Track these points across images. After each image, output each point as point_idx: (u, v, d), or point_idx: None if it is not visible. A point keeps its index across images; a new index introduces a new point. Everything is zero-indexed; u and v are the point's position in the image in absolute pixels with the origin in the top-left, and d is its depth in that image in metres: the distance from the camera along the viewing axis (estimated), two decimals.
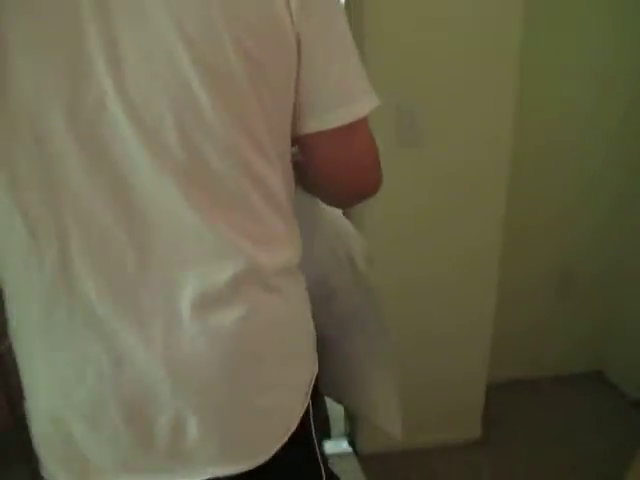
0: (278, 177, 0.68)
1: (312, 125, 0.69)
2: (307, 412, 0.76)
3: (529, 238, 2.16)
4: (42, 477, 0.72)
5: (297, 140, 0.72)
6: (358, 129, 0.71)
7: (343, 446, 2.02)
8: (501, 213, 1.77)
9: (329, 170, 0.77)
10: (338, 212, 1.01)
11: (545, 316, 2.28)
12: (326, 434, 1.22)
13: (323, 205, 0.93)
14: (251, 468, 0.69)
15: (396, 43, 1.54)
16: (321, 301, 0.86)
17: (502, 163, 1.71)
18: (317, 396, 0.80)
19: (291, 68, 0.65)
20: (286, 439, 0.72)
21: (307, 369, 0.78)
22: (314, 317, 0.79)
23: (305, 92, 0.67)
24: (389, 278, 1.56)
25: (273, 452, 0.71)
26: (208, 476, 0.69)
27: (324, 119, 0.68)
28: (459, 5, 1.54)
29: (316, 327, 0.80)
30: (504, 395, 2.16)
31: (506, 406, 2.17)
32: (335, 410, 1.45)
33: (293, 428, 0.73)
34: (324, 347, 0.84)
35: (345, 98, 0.68)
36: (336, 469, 0.91)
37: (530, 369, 2.32)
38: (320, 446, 0.82)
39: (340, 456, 1.96)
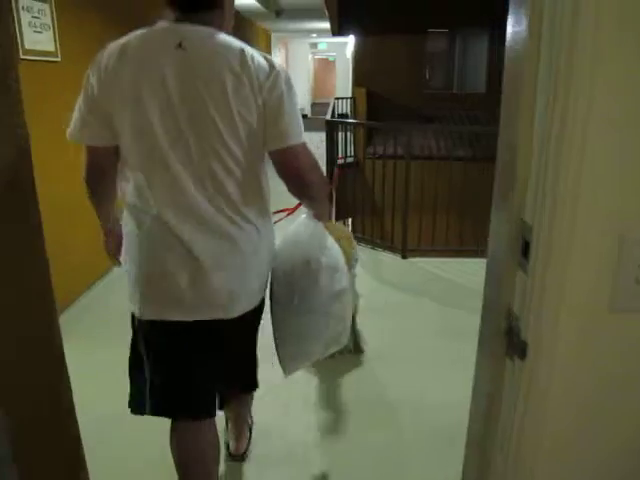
0: (238, 180, 1.51)
1: (272, 147, 1.50)
2: (264, 298, 1.68)
3: None
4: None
5: (269, 155, 1.53)
6: (299, 150, 1.51)
7: None
8: None
9: (287, 171, 1.53)
10: (320, 228, 1.79)
11: None
12: None
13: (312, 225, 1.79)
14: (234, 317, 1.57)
15: None
16: (285, 272, 1.70)
17: None
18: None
19: (261, 121, 1.47)
20: (253, 307, 1.61)
21: (267, 277, 1.68)
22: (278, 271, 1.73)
23: (269, 132, 1.48)
24: None
25: (250, 308, 1.60)
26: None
27: (278, 144, 1.49)
28: None
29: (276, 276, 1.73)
30: None
31: None
32: None
33: (257, 304, 1.64)
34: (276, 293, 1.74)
35: (287, 133, 1.48)
36: None
37: None
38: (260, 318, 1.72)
39: None
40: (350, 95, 11.63)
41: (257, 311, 1.67)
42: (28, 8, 3.14)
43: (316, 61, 24.62)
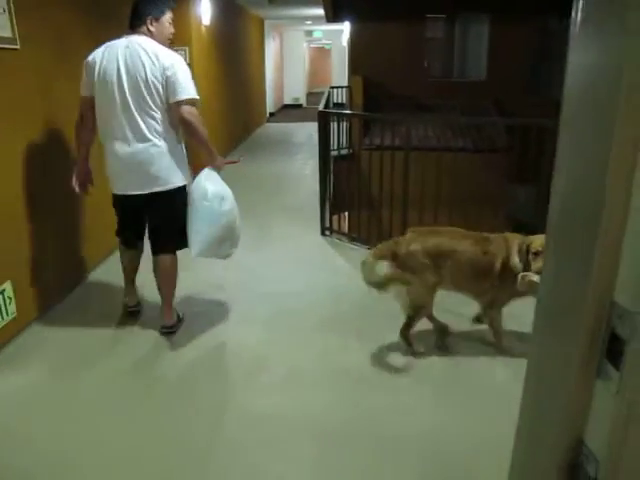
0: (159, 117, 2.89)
1: (171, 100, 2.83)
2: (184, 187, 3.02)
3: None
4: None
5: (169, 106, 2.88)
6: (191, 106, 2.85)
7: None
8: None
9: (180, 117, 2.85)
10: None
11: None
12: None
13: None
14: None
15: None
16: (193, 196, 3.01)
17: None
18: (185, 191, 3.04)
19: (164, 86, 2.84)
20: (171, 187, 2.98)
21: (182, 175, 3.02)
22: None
23: (169, 91, 2.83)
24: None
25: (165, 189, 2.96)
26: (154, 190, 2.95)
27: (173, 99, 2.82)
28: None
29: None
30: None
31: None
32: None
33: (176, 186, 2.99)
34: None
35: (179, 94, 2.82)
36: None
37: None
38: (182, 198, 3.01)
39: None
40: (346, 84, 11.31)
41: (169, 197, 3.00)
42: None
43: (311, 50, 24.21)
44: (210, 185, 2.99)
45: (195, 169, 3.17)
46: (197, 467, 2.20)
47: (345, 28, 13.67)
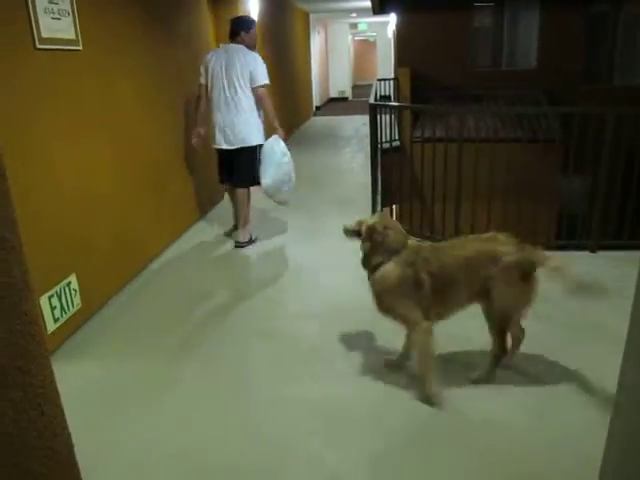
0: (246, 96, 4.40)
1: (252, 85, 4.33)
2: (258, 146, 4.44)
3: None
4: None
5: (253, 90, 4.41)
6: (263, 91, 4.36)
7: None
8: None
9: (257, 96, 4.36)
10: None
11: None
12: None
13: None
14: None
15: None
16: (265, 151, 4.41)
17: None
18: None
19: (249, 76, 4.37)
20: (249, 145, 4.43)
21: (260, 137, 4.49)
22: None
23: (251, 80, 4.35)
24: None
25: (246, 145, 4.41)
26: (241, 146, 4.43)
27: (253, 84, 4.33)
28: None
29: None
30: None
31: None
32: None
33: (253, 144, 4.42)
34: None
35: (257, 81, 4.32)
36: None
37: None
38: (256, 153, 4.42)
39: None
40: (392, 76, 11.20)
41: (249, 152, 4.39)
42: None
43: (356, 42, 24.06)
44: (276, 145, 4.37)
45: (267, 135, 4.51)
46: (258, 454, 2.23)
47: (391, 20, 13.51)
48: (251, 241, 4.64)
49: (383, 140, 5.29)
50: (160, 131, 4.48)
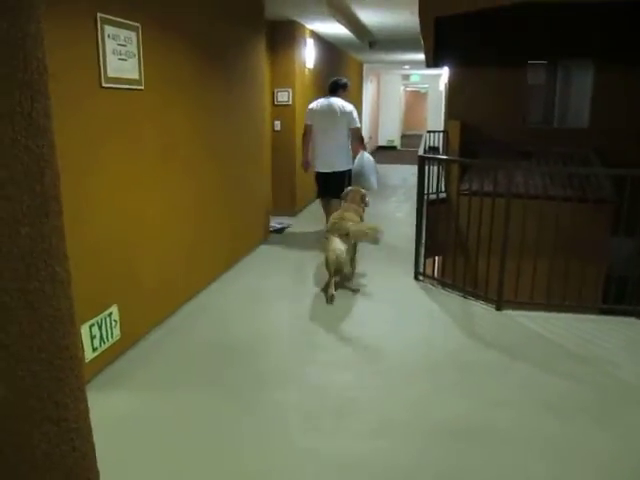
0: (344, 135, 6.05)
1: (350, 126, 5.97)
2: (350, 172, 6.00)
3: None
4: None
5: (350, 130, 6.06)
6: (358, 130, 6.11)
7: None
8: None
9: (353, 134, 6.04)
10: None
11: None
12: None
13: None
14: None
15: None
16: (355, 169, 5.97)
17: None
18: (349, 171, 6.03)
19: (346, 120, 6.07)
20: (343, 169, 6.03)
21: (349, 164, 6.05)
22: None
23: (349, 123, 5.99)
24: None
25: (341, 169, 6.00)
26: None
27: (350, 126, 5.97)
28: None
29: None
30: None
31: None
32: None
33: (343, 169, 6.01)
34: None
35: (354, 124, 5.97)
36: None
37: None
38: (349, 182, 5.80)
39: None
40: (442, 128, 11.24)
41: (341, 174, 5.91)
42: (114, 36, 3.06)
43: (407, 93, 24.37)
44: (368, 156, 5.89)
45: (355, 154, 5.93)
46: None
47: (444, 72, 13.68)
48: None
49: (430, 191, 5.26)
50: (211, 169, 4.58)
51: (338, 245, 4.31)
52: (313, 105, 6.05)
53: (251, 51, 5.52)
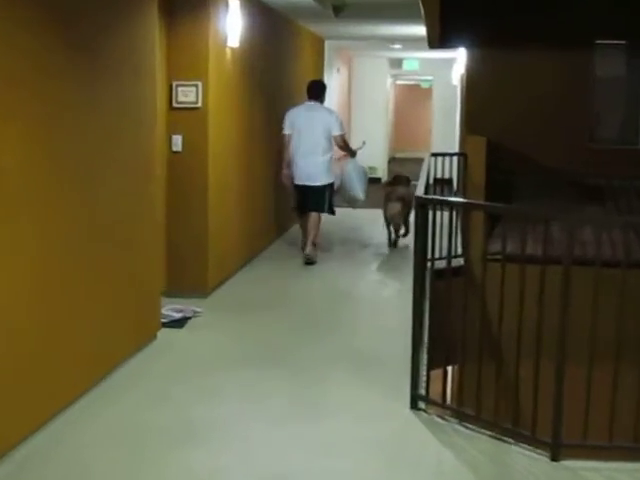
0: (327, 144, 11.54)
1: (332, 134, 11.12)
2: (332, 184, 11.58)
3: None
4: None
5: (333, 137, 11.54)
6: (342, 135, 11.42)
7: None
8: None
9: (336, 142, 11.25)
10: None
11: None
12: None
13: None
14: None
15: None
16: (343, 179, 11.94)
17: None
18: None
19: (328, 127, 11.60)
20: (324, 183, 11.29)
21: (330, 177, 11.51)
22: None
23: (330, 129, 11.30)
24: None
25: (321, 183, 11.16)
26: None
27: (332, 133, 11.03)
28: None
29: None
30: None
31: None
32: None
33: (324, 183, 11.15)
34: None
35: (335, 131, 11.02)
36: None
37: None
38: (331, 195, 11.27)
39: None
40: (457, 148, 11.45)
41: (322, 188, 10.63)
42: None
43: (399, 89, 24.91)
44: (353, 164, 11.01)
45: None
46: None
47: (458, 57, 13.96)
48: (312, 262, 9.87)
49: (436, 255, 5.29)
50: (49, 223, 4.54)
51: (396, 205, 10.68)
52: (293, 112, 10.07)
53: (131, 20, 5.58)
